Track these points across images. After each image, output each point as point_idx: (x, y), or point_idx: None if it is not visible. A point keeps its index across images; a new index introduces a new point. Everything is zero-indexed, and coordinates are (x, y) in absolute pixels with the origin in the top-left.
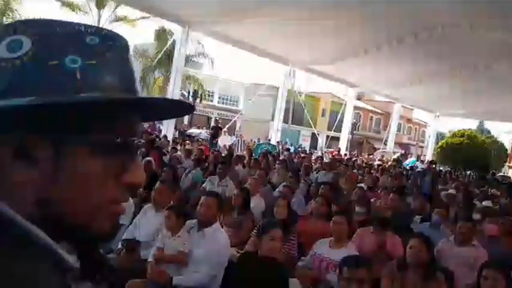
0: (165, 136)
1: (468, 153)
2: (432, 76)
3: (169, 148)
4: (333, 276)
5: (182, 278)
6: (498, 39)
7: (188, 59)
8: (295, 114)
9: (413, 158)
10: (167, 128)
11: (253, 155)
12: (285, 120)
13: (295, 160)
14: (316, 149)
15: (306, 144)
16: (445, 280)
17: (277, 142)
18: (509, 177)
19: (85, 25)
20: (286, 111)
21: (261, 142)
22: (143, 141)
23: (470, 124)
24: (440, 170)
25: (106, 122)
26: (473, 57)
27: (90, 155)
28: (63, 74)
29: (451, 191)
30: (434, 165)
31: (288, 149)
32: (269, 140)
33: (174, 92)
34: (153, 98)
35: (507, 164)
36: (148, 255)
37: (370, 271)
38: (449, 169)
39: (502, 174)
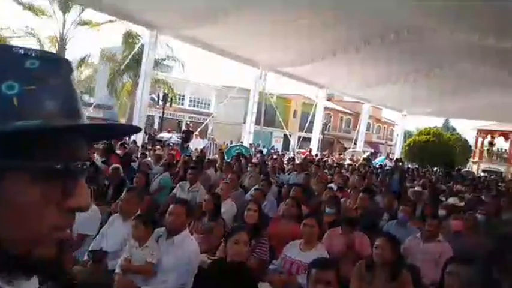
0: (135, 141)
1: (434, 151)
2: (399, 76)
3: (139, 154)
4: (303, 279)
5: None
6: (462, 40)
7: (157, 62)
8: (267, 116)
9: (382, 157)
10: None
11: (226, 158)
12: (257, 122)
13: (267, 163)
14: (288, 150)
15: (278, 145)
16: (412, 277)
17: (250, 144)
18: (473, 173)
19: (26, 48)
20: (258, 113)
21: (234, 144)
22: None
23: (436, 122)
24: (409, 168)
25: (46, 149)
26: (439, 57)
27: (29, 183)
28: (0, 101)
29: (418, 188)
30: (400, 163)
31: (261, 151)
32: (241, 143)
33: (143, 96)
34: (94, 124)
35: (471, 160)
36: (116, 266)
37: (338, 273)
38: (416, 166)
39: (466, 169)
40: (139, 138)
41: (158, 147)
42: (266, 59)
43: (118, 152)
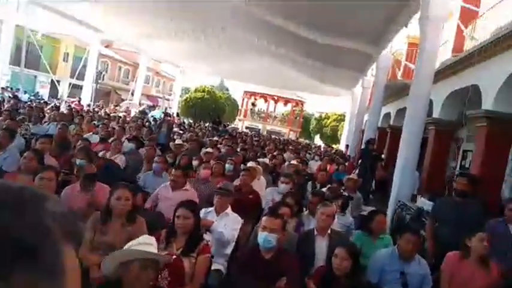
0: None
1: (207, 107)
2: (178, 32)
3: None
4: None
5: None
6: (233, 6)
7: None
8: (31, 57)
9: (158, 110)
10: None
11: None
12: (17, 63)
13: (21, 110)
14: (58, 97)
15: (44, 91)
16: (160, 221)
17: (2, 88)
18: (237, 129)
19: None
20: (18, 52)
21: None
22: None
23: (214, 81)
24: (183, 122)
25: None
26: (215, 20)
27: None
28: None
29: (178, 141)
30: (169, 117)
31: (16, 96)
32: None
33: None
34: None
35: (238, 117)
36: None
37: None
38: (190, 121)
39: (232, 126)
40: None
41: None
42: None
43: None
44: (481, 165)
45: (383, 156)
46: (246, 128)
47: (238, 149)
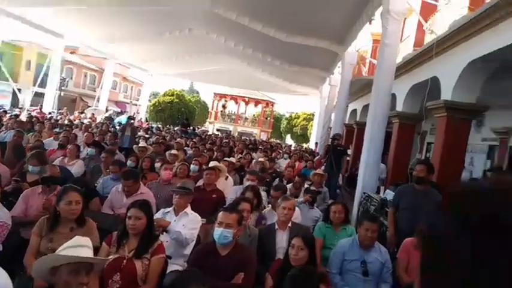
0: None
1: (177, 111)
2: (144, 35)
3: None
4: None
5: None
6: (199, 7)
7: None
8: None
9: (124, 116)
10: None
11: None
12: None
13: None
14: (18, 107)
15: (6, 101)
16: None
17: None
18: (208, 131)
19: None
20: None
21: None
22: None
23: (183, 85)
24: (151, 126)
25: None
26: (179, 22)
27: None
28: None
29: (142, 143)
30: (132, 121)
31: None
32: None
33: None
34: None
35: (208, 120)
36: None
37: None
38: (159, 125)
39: (203, 128)
40: None
41: None
42: None
43: None
44: (441, 155)
45: (349, 151)
46: (217, 130)
47: (205, 151)
